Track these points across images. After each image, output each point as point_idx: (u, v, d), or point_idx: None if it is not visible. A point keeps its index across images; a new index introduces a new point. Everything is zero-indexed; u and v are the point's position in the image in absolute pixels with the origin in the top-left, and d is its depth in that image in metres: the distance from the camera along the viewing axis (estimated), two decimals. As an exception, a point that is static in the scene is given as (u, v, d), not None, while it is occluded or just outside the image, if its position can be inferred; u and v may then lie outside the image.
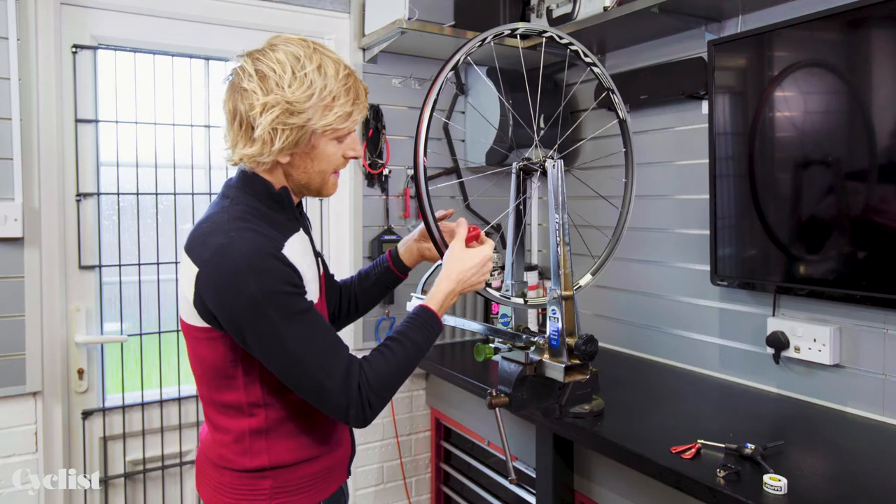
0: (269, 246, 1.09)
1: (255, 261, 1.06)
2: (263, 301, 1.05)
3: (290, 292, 1.09)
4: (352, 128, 1.19)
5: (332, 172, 1.22)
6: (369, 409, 1.12)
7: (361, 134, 2.47)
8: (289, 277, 1.09)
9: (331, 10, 2.43)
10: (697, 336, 2.14)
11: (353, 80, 1.17)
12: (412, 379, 2.63)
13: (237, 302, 1.06)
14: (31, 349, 1.94)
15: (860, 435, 1.59)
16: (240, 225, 1.10)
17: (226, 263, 1.06)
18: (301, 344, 1.08)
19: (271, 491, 1.18)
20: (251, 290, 1.04)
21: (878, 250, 1.58)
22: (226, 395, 1.18)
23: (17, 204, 1.89)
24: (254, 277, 1.05)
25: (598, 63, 1.65)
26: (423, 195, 1.37)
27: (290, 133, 1.11)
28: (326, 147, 1.17)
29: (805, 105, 1.73)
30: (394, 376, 1.17)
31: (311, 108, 1.11)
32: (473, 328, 1.60)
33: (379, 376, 1.13)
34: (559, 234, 1.50)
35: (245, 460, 1.18)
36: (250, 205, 1.16)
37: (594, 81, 1.70)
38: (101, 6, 2.06)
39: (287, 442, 1.19)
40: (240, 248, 1.06)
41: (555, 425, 1.65)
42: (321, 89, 1.11)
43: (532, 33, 1.60)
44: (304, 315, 1.10)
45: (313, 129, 1.13)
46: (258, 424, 1.17)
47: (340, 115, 1.14)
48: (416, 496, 2.68)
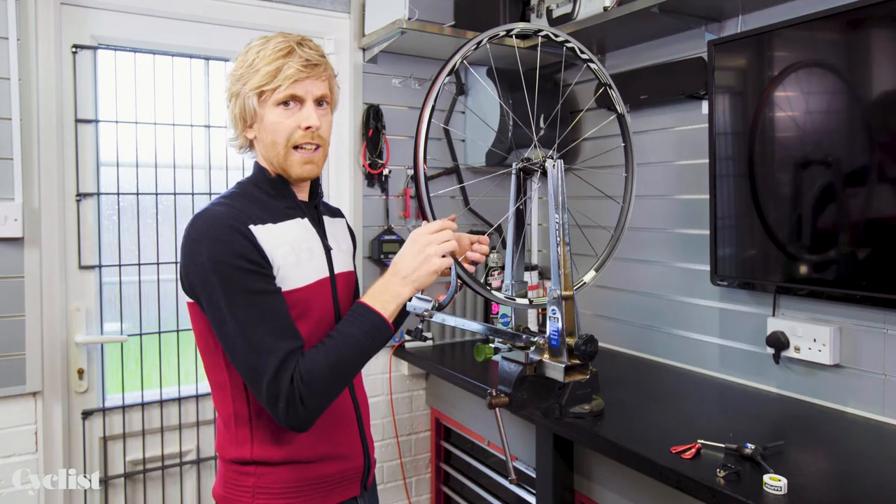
0: (232, 219, 1.11)
1: (213, 229, 1.10)
2: (211, 269, 1.07)
3: (242, 267, 1.08)
4: (289, 90, 1.15)
5: (292, 147, 1.19)
6: (301, 406, 1.06)
7: (361, 133, 2.47)
8: (244, 252, 1.09)
9: (331, 10, 2.43)
10: (697, 336, 2.14)
11: (290, 46, 1.16)
12: (412, 379, 2.63)
13: (192, 268, 1.10)
14: (31, 349, 1.94)
15: (860, 435, 1.59)
16: (220, 200, 1.17)
17: (190, 231, 1.12)
18: (239, 323, 1.07)
19: (254, 489, 1.16)
20: (202, 257, 1.08)
21: (878, 250, 1.58)
22: (215, 374, 1.19)
23: (17, 204, 1.90)
24: (207, 245, 1.08)
25: (595, 59, 1.65)
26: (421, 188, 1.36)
27: (234, 103, 1.19)
28: (270, 115, 1.17)
29: (805, 105, 1.73)
30: (329, 371, 1.08)
31: (244, 74, 1.17)
32: (473, 328, 1.60)
33: (312, 373, 1.07)
34: (559, 234, 1.50)
35: (232, 449, 1.18)
36: (247, 190, 1.22)
37: (594, 81, 1.70)
38: (101, 6, 2.06)
39: (271, 435, 1.16)
40: (205, 217, 1.12)
41: (555, 425, 1.65)
42: (254, 57, 1.16)
43: (528, 33, 1.60)
44: (252, 295, 1.08)
45: (247, 93, 1.16)
46: (242, 410, 1.17)
47: (267, 73, 1.14)
48: (416, 496, 2.68)
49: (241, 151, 1.27)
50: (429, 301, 1.38)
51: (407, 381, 2.63)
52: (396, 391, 2.60)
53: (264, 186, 1.22)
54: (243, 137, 1.23)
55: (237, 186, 1.24)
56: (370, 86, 2.48)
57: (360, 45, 2.46)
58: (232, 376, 1.16)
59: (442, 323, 1.59)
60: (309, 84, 1.18)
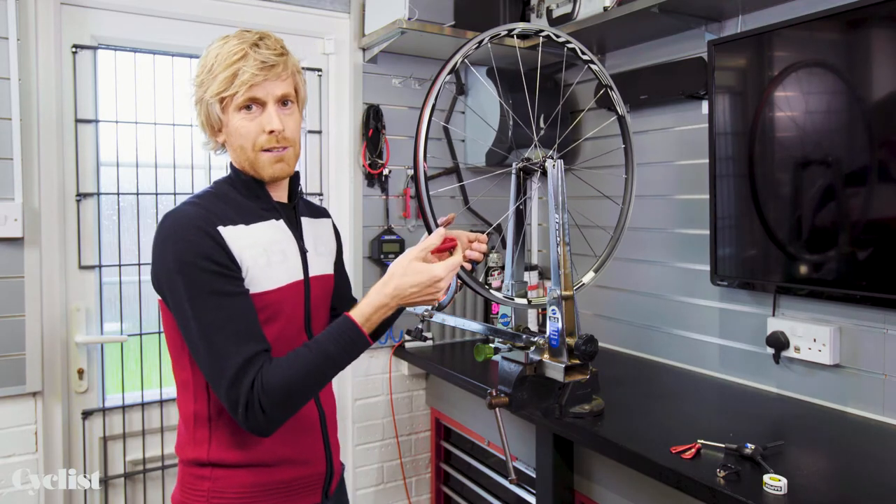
0: (200, 219, 1.10)
1: (179, 230, 1.10)
2: (176, 269, 1.07)
3: (207, 268, 1.07)
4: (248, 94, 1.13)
5: (260, 150, 1.16)
6: (261, 412, 1.04)
7: (361, 134, 2.47)
8: (210, 253, 1.08)
9: (331, 10, 2.43)
10: (697, 336, 2.14)
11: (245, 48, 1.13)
12: (412, 379, 2.63)
13: (159, 267, 1.11)
14: (31, 349, 1.94)
15: (860, 435, 1.59)
16: (191, 200, 1.17)
17: (159, 230, 1.13)
18: (205, 325, 1.06)
19: (209, 494, 1.15)
20: (168, 256, 1.09)
21: (878, 250, 1.58)
22: (179, 373, 1.19)
23: (17, 204, 1.90)
24: (173, 245, 1.09)
25: (596, 60, 1.65)
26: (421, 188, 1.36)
27: (199, 109, 1.19)
28: (233, 120, 1.16)
29: (805, 105, 1.73)
30: (293, 382, 1.06)
31: (204, 80, 1.16)
32: (473, 328, 1.60)
33: (274, 379, 1.05)
34: (559, 234, 1.50)
35: (189, 449, 1.17)
36: (221, 190, 1.21)
37: (594, 81, 1.70)
38: (101, 6, 2.06)
39: (229, 437, 1.15)
40: (173, 217, 1.12)
41: (555, 425, 1.65)
42: (212, 61, 1.15)
43: (529, 33, 1.60)
44: (218, 297, 1.07)
45: (209, 100, 1.15)
46: (202, 409, 1.16)
47: (224, 79, 1.13)
48: (416, 496, 2.68)
49: (217, 153, 1.26)
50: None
51: (407, 381, 2.63)
52: (396, 391, 2.60)
53: (238, 187, 1.21)
54: (214, 141, 1.23)
55: (212, 185, 1.23)
56: (370, 86, 2.48)
57: (360, 45, 2.46)
58: (195, 375, 1.16)
59: (442, 323, 1.59)
60: (268, 86, 1.15)
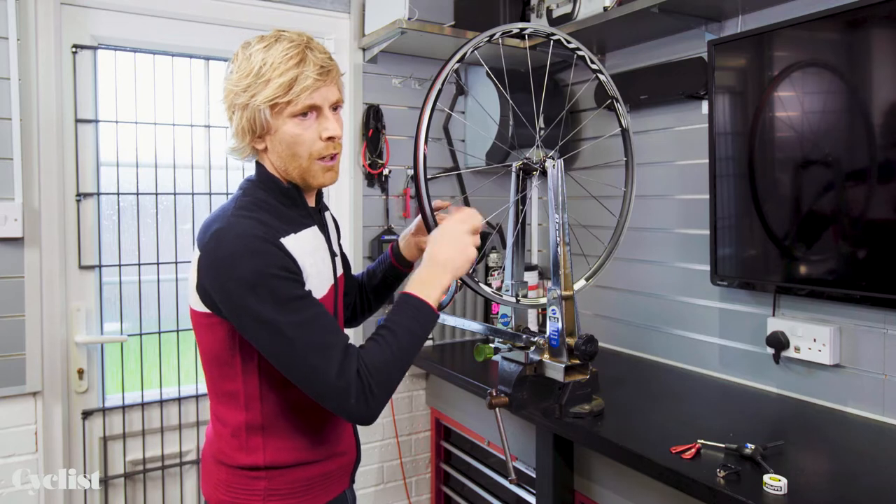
0: (262, 231, 1.09)
1: (249, 243, 1.07)
2: (255, 283, 1.05)
3: (284, 276, 1.07)
4: (307, 101, 1.12)
5: (316, 158, 1.16)
6: (371, 396, 1.07)
7: (361, 134, 2.47)
8: (283, 262, 1.08)
9: (331, 10, 2.43)
10: (697, 336, 2.14)
11: (301, 52, 1.11)
12: (412, 379, 2.63)
13: (230, 284, 1.07)
14: (31, 349, 1.94)
15: (860, 435, 1.59)
16: (240, 213, 1.12)
17: (221, 246, 1.08)
18: (294, 327, 1.06)
19: (265, 493, 1.17)
20: (243, 271, 1.06)
21: (877, 250, 1.58)
22: (225, 384, 1.18)
23: (17, 204, 1.90)
24: (246, 259, 1.06)
25: (604, 70, 1.65)
26: (421, 187, 1.35)
27: (241, 115, 1.13)
28: (285, 126, 1.13)
29: (805, 105, 1.73)
30: (392, 364, 1.10)
31: (252, 85, 1.11)
32: (473, 328, 1.60)
33: (377, 363, 1.08)
34: (559, 234, 1.50)
35: (241, 456, 1.18)
36: (259, 197, 1.17)
37: (594, 81, 1.70)
38: (101, 6, 2.06)
39: (284, 441, 1.18)
40: (235, 231, 1.08)
41: (555, 425, 1.65)
42: (260, 65, 1.11)
43: (539, 34, 1.60)
44: (299, 300, 1.08)
45: (258, 106, 1.11)
46: (255, 419, 1.17)
47: (280, 85, 1.09)
48: (416, 496, 2.68)
49: (245, 159, 1.22)
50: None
51: (407, 381, 2.63)
52: (396, 391, 2.59)
53: (276, 195, 1.19)
54: (251, 148, 1.18)
55: (246, 194, 1.18)
56: (370, 86, 2.48)
57: (360, 45, 2.46)
58: (246, 386, 1.16)
59: (442, 323, 1.59)
60: (325, 91, 1.13)
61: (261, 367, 1.15)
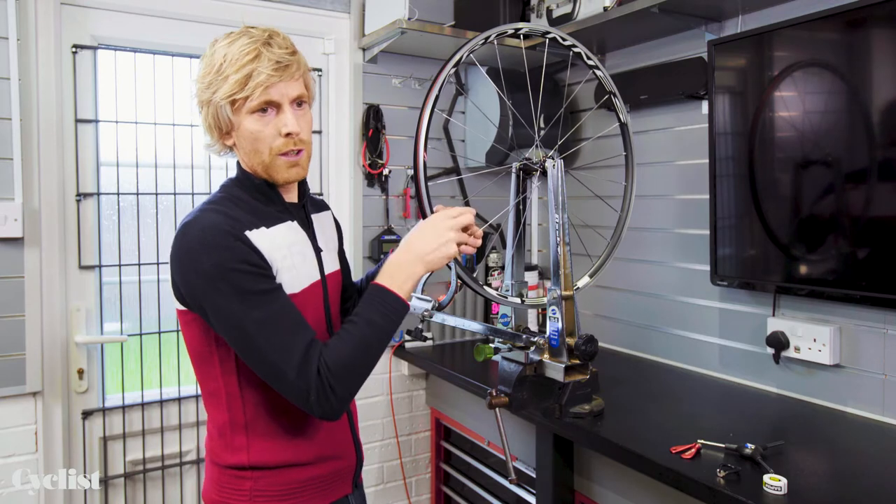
0: (227, 225, 1.09)
1: (211, 237, 1.07)
2: (217, 276, 1.05)
3: (247, 271, 1.07)
4: (263, 97, 1.10)
5: (277, 154, 1.14)
6: (332, 393, 1.05)
7: (361, 134, 2.47)
8: (246, 256, 1.08)
9: (331, 10, 2.43)
10: (697, 336, 2.14)
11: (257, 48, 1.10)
12: (412, 379, 2.63)
13: (193, 278, 1.07)
14: (31, 349, 1.94)
15: (860, 435, 1.59)
16: (209, 206, 1.13)
17: (185, 240, 1.08)
18: (256, 324, 1.05)
19: (251, 493, 1.16)
20: (205, 265, 1.05)
21: (877, 250, 1.58)
22: (208, 383, 1.18)
23: (17, 204, 1.90)
24: (207, 253, 1.06)
25: (601, 66, 1.65)
26: (421, 187, 1.35)
27: (206, 111, 1.15)
28: (245, 122, 1.12)
29: (805, 105, 1.73)
30: (354, 359, 1.08)
31: (213, 81, 1.11)
32: (473, 328, 1.60)
33: (338, 359, 1.06)
34: (559, 234, 1.50)
35: (227, 455, 1.17)
36: (233, 193, 1.19)
37: (594, 81, 1.70)
38: (101, 6, 2.06)
39: (267, 441, 1.17)
40: (200, 224, 1.08)
41: (555, 425, 1.65)
42: (221, 61, 1.11)
43: (535, 34, 1.60)
44: (262, 295, 1.07)
45: (218, 102, 1.11)
46: (237, 418, 1.16)
47: (237, 81, 1.09)
48: (416, 496, 2.68)
49: (222, 155, 1.23)
50: (429, 301, 1.39)
51: (407, 381, 2.63)
52: (396, 391, 2.60)
53: (251, 191, 1.19)
54: (221, 144, 1.19)
55: (222, 190, 1.20)
56: (370, 86, 2.48)
57: (360, 45, 2.46)
58: (226, 384, 1.16)
59: (442, 323, 1.59)
60: (283, 87, 1.12)
61: (239, 365, 1.14)
